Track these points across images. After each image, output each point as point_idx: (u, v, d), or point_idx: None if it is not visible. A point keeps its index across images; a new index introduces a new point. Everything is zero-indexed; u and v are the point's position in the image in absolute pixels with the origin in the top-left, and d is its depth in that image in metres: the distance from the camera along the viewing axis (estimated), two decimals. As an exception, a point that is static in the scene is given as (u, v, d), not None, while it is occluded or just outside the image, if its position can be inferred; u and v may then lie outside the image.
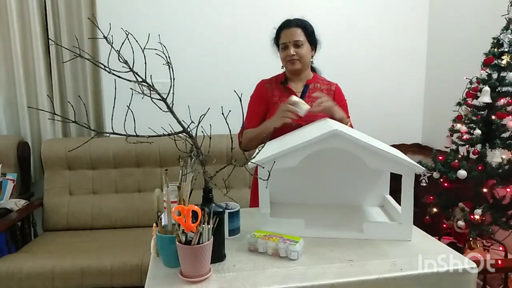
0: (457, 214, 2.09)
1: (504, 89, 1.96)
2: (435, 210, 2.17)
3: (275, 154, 1.15)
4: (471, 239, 1.99)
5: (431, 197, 2.21)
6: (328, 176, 1.43)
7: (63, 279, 2.07)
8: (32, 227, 2.59)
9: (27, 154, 2.75)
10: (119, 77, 0.92)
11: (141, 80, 0.98)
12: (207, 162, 1.05)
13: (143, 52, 0.95)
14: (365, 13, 3.05)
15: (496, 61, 1.96)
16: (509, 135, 1.97)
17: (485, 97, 1.94)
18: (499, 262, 1.61)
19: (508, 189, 1.95)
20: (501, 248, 2.01)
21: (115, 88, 0.95)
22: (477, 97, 2.01)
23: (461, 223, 1.98)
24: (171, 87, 0.99)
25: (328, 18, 2.93)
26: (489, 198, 2.02)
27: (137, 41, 0.96)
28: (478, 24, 2.55)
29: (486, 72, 2.00)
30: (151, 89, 1.00)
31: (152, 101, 0.99)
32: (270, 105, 1.74)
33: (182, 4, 2.83)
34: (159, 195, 1.08)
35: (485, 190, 1.97)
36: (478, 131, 1.96)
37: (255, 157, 1.11)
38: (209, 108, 1.02)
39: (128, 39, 0.92)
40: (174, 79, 1.00)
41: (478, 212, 1.92)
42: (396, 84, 3.17)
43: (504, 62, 1.92)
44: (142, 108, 1.16)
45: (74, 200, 2.63)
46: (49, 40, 2.69)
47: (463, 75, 2.08)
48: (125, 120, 0.89)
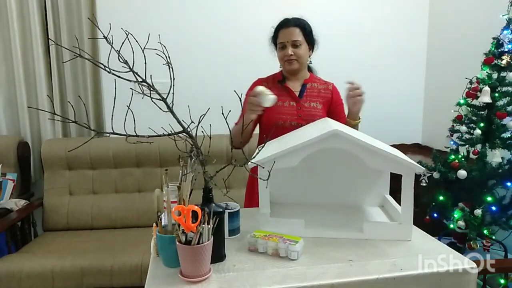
0: (457, 214, 2.09)
1: (504, 89, 1.97)
2: (435, 210, 2.17)
3: (275, 154, 1.15)
4: (471, 239, 1.99)
5: (431, 197, 2.21)
6: (328, 176, 1.42)
7: (63, 279, 2.07)
8: (32, 227, 2.59)
9: (27, 154, 2.75)
10: (119, 77, 0.92)
11: (141, 80, 0.98)
12: (207, 162, 1.05)
13: (143, 52, 0.95)
14: (365, 13, 3.05)
15: (496, 61, 1.96)
16: (509, 135, 1.97)
17: (485, 97, 1.94)
18: (499, 262, 1.60)
19: (508, 189, 1.95)
20: (501, 248, 2.02)
21: (115, 88, 0.95)
22: (477, 97, 2.01)
23: (461, 223, 1.98)
24: (171, 87, 0.99)
25: (328, 18, 2.93)
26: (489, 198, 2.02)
27: (137, 41, 0.96)
28: (478, 24, 2.55)
29: (486, 72, 2.00)
30: (151, 89, 1.00)
31: (152, 101, 0.99)
32: None
33: (182, 4, 2.83)
34: (159, 195, 1.08)
35: (485, 190, 1.97)
36: (478, 131, 1.96)
37: (255, 157, 1.11)
38: (209, 108, 1.02)
39: (128, 39, 0.92)
40: (174, 79, 1.00)
41: (478, 212, 1.92)
42: (396, 84, 3.17)
43: (504, 62, 1.92)
44: (142, 108, 1.16)
45: (74, 200, 2.63)
46: (49, 40, 2.70)
47: (463, 75, 2.08)
48: (125, 120, 0.89)
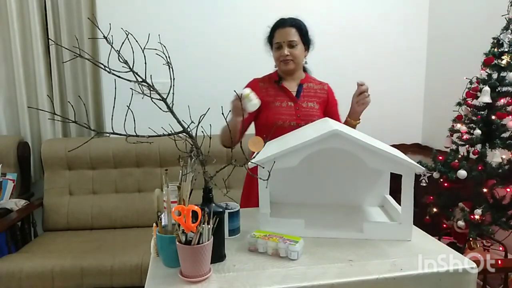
0: (457, 214, 2.09)
1: (504, 89, 1.97)
2: (435, 210, 2.17)
3: (275, 154, 1.15)
4: (471, 239, 1.99)
5: (431, 197, 2.21)
6: (328, 176, 1.42)
7: (63, 279, 2.07)
8: (32, 227, 2.59)
9: (27, 154, 2.75)
10: (119, 77, 0.92)
11: (141, 80, 0.98)
12: (207, 162, 1.05)
13: (143, 52, 0.95)
14: (365, 13, 3.05)
15: (496, 61, 1.96)
16: (509, 135, 1.97)
17: (485, 97, 1.94)
18: (499, 262, 1.61)
19: (508, 189, 1.95)
20: (501, 248, 2.02)
21: (115, 88, 0.95)
22: (477, 97, 2.01)
23: (461, 223, 1.98)
24: (171, 87, 0.99)
25: (328, 18, 2.93)
26: (489, 198, 2.02)
27: (137, 41, 0.96)
28: (478, 24, 2.55)
29: (486, 72, 2.00)
30: (151, 89, 1.00)
31: (152, 101, 0.99)
32: (263, 104, 1.72)
33: (182, 4, 2.83)
34: (159, 195, 1.08)
35: (485, 190, 1.97)
36: (478, 131, 1.96)
37: (255, 157, 1.11)
38: (209, 108, 1.02)
39: (128, 39, 0.92)
40: (174, 79, 1.00)
41: (478, 212, 1.92)
42: (396, 84, 3.17)
43: (504, 62, 1.92)
44: (142, 108, 1.16)
45: (74, 200, 2.63)
46: (49, 40, 2.69)
47: (463, 75, 2.08)
48: (125, 120, 0.89)
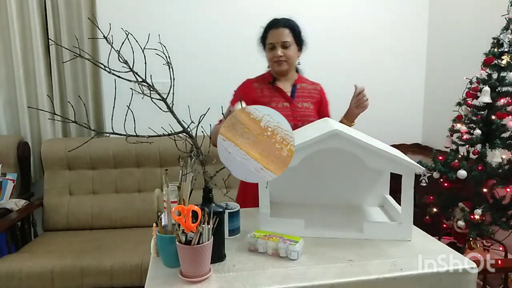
0: (457, 214, 2.09)
1: (504, 89, 1.97)
2: (435, 210, 2.17)
3: (275, 154, 1.15)
4: (471, 239, 1.99)
5: (431, 197, 2.21)
6: (328, 176, 1.42)
7: (63, 279, 2.07)
8: (32, 227, 2.58)
9: (27, 154, 2.75)
10: (119, 77, 0.92)
11: (141, 80, 0.98)
12: (207, 162, 1.05)
13: (143, 52, 0.95)
14: (365, 13, 3.05)
15: (496, 61, 1.96)
16: (509, 135, 1.97)
17: (485, 97, 1.94)
18: (499, 262, 1.61)
19: (508, 189, 1.95)
20: (501, 248, 2.02)
21: (115, 88, 0.95)
22: (477, 97, 2.01)
23: (461, 223, 1.98)
24: (171, 87, 0.99)
25: (327, 18, 2.93)
26: (489, 198, 2.02)
27: (137, 41, 0.96)
28: (478, 24, 2.55)
29: (486, 72, 2.00)
30: (151, 89, 1.00)
31: (152, 101, 0.99)
32: (257, 104, 1.72)
33: (182, 4, 2.83)
34: (159, 195, 1.08)
35: (485, 190, 1.98)
36: (478, 131, 1.96)
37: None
38: (209, 108, 1.02)
39: (128, 39, 0.92)
40: (174, 79, 1.00)
41: (478, 212, 1.92)
42: (396, 84, 3.17)
43: (504, 62, 1.92)
44: (142, 108, 1.16)
45: (74, 200, 2.63)
46: (49, 40, 2.69)
47: (463, 75, 2.08)
48: (125, 120, 0.90)
